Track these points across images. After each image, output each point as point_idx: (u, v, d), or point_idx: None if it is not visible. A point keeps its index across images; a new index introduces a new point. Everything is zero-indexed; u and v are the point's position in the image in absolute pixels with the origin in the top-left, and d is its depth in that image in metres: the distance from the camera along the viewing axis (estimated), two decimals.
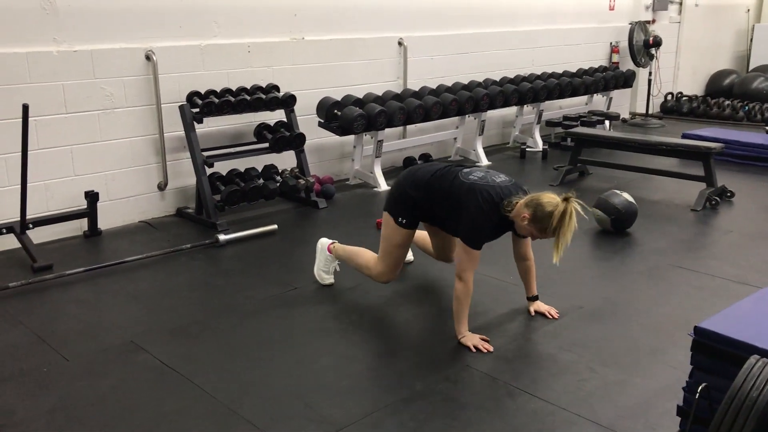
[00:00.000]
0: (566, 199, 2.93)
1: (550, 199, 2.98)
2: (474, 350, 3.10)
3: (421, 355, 3.12)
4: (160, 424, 2.60)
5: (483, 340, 3.16)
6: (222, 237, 4.53)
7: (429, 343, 3.26)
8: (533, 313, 3.47)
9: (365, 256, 3.66)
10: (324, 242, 3.86)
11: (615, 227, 4.73)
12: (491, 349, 3.12)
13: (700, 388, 2.29)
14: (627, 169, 6.12)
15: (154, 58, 4.85)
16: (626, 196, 4.76)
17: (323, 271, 3.85)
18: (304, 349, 3.19)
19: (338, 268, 3.86)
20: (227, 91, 5.11)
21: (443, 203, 3.24)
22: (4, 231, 4.22)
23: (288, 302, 3.66)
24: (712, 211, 5.32)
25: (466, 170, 3.25)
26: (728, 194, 5.58)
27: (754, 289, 3.68)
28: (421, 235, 3.82)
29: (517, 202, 3.06)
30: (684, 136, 6.81)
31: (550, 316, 3.44)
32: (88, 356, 3.11)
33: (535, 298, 3.52)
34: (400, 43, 6.49)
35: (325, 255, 3.82)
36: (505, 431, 2.55)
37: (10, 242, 4.33)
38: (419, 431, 2.55)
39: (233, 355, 3.12)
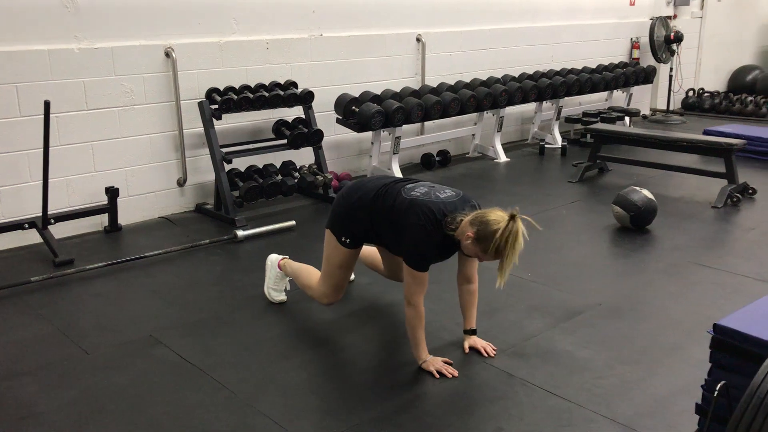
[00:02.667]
0: (512, 217, 2.63)
1: (498, 216, 2.67)
2: (437, 376, 2.86)
3: (437, 350, 3.10)
4: (179, 417, 2.63)
5: (446, 363, 2.93)
6: (240, 233, 4.55)
7: (445, 338, 3.24)
8: (467, 350, 3.08)
9: (310, 276, 3.39)
10: (274, 258, 3.62)
11: (634, 224, 4.69)
12: (456, 373, 2.88)
13: (719, 386, 2.27)
14: (647, 166, 6.08)
15: (174, 55, 4.89)
16: (646, 192, 4.72)
17: (273, 289, 3.61)
18: (322, 344, 3.20)
19: (288, 286, 3.64)
20: (246, 87, 5.14)
21: (386, 222, 2.95)
22: (27, 226, 4.28)
23: (305, 298, 3.66)
24: (733, 208, 5.26)
25: (409, 186, 2.96)
26: (750, 191, 5.52)
27: None
28: (370, 252, 3.58)
29: (462, 219, 2.76)
30: (705, 133, 6.75)
31: (486, 354, 3.05)
32: (108, 350, 3.14)
33: (472, 332, 3.14)
34: (418, 40, 6.48)
35: (276, 272, 3.58)
36: (522, 428, 2.55)
37: (33, 237, 4.38)
38: (436, 427, 2.55)
39: (251, 350, 3.14)
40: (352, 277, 3.82)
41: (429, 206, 2.81)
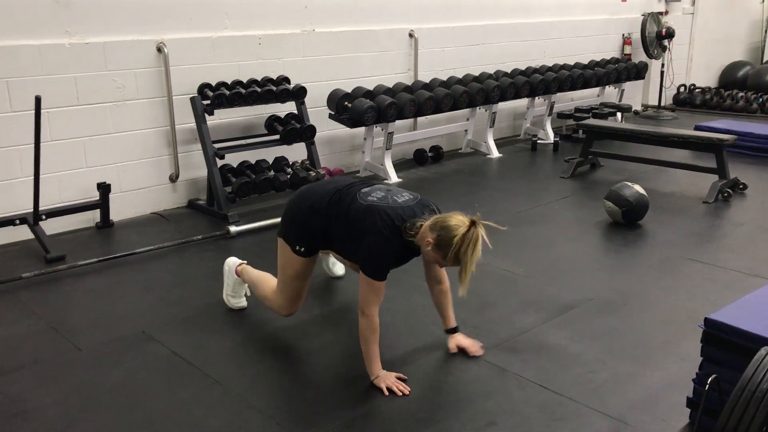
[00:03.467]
0: (473, 223, 2.54)
1: (458, 221, 2.57)
2: (387, 393, 2.72)
3: (431, 345, 3.12)
4: (172, 412, 2.62)
5: (399, 378, 2.80)
6: (233, 228, 4.55)
7: (438, 333, 3.24)
8: (455, 349, 3.02)
9: (267, 286, 3.23)
10: (231, 264, 3.45)
11: (626, 219, 4.71)
12: (407, 391, 2.74)
13: (710, 379, 2.29)
14: (639, 161, 6.09)
15: (166, 50, 4.87)
16: (638, 188, 4.74)
17: (231, 296, 3.46)
18: (315, 339, 3.20)
19: (249, 293, 3.48)
20: (238, 83, 5.13)
21: (341, 229, 2.82)
22: (18, 222, 4.26)
23: None
24: (724, 203, 5.28)
25: (365, 190, 2.83)
26: (741, 186, 5.55)
27: (765, 281, 3.66)
28: None
29: (421, 225, 2.66)
30: (697, 128, 6.77)
31: (475, 352, 3.00)
32: (101, 346, 3.13)
33: (454, 330, 3.07)
34: (410, 35, 6.47)
35: (233, 278, 3.43)
36: (514, 422, 2.56)
37: (24, 233, 4.36)
38: (429, 422, 2.56)
39: (244, 345, 3.14)
40: (342, 272, 3.79)
41: (387, 212, 2.69)
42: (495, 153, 6.87)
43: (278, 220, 4.68)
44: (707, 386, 2.28)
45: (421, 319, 3.38)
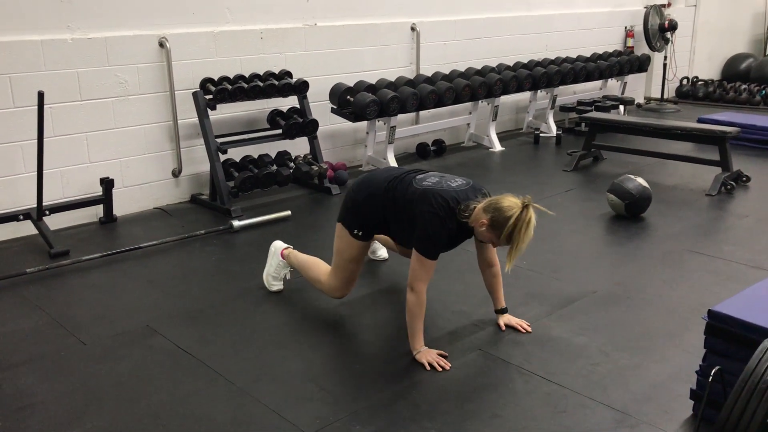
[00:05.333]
0: (525, 206, 2.69)
1: (511, 203, 2.72)
2: (428, 368, 2.85)
3: (434, 338, 3.12)
4: (176, 406, 2.63)
5: (440, 355, 2.93)
6: (236, 223, 4.56)
7: (442, 326, 3.26)
8: (504, 328, 3.19)
9: (318, 269, 3.38)
10: (278, 246, 3.62)
11: (629, 212, 4.71)
12: (448, 366, 2.87)
13: (713, 371, 2.29)
14: (641, 154, 6.09)
15: (168, 45, 4.87)
16: (640, 180, 4.74)
17: (272, 276, 3.61)
18: (319, 333, 3.21)
19: (289, 276, 3.64)
20: (240, 77, 5.12)
21: (398, 213, 2.98)
22: (22, 218, 4.26)
23: (302, 287, 3.68)
24: (727, 195, 5.28)
25: (420, 176, 3.00)
26: (744, 179, 5.54)
27: None
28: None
29: (475, 207, 2.81)
30: (700, 121, 6.76)
31: (523, 330, 3.17)
32: (105, 340, 3.15)
33: (503, 311, 3.25)
34: (413, 29, 6.46)
35: (278, 260, 3.58)
36: (518, 414, 2.57)
37: (28, 229, 4.37)
38: (432, 414, 2.56)
39: (248, 339, 3.15)
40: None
41: (442, 195, 2.84)
42: (497, 146, 6.86)
43: (281, 214, 4.75)
44: (711, 378, 2.28)
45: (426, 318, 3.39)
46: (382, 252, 3.75)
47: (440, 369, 2.86)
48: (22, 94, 4.31)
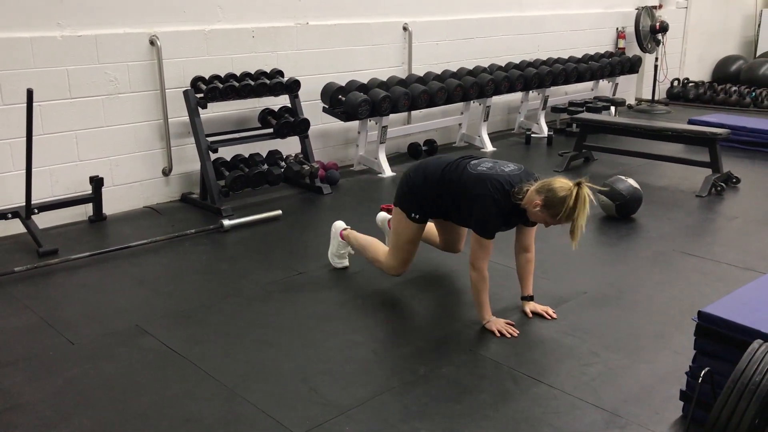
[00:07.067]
0: (578, 184, 2.88)
1: (562, 184, 2.93)
2: (498, 335, 3.10)
3: (425, 340, 3.13)
4: (165, 406, 2.62)
5: (508, 324, 3.16)
6: (226, 222, 4.54)
7: (433, 328, 3.27)
8: (530, 315, 3.32)
9: (377, 249, 3.63)
10: (338, 226, 3.85)
11: (620, 213, 4.72)
12: (516, 333, 3.12)
13: (703, 372, 2.30)
14: (632, 155, 6.10)
15: (159, 43, 4.84)
16: (631, 181, 4.75)
17: (336, 256, 3.86)
18: (309, 333, 3.20)
19: (352, 251, 3.85)
20: (231, 76, 5.10)
21: (454, 196, 3.21)
22: (10, 216, 4.23)
23: (293, 287, 3.67)
24: (717, 197, 5.30)
25: (474, 161, 3.22)
26: (734, 180, 5.56)
27: (758, 274, 3.67)
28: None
29: (527, 189, 3.02)
30: (690, 122, 6.78)
31: (548, 317, 3.31)
32: (94, 340, 3.12)
33: (530, 298, 3.39)
34: (404, 29, 6.46)
35: (338, 240, 3.83)
36: (509, 415, 2.56)
37: (16, 227, 4.34)
38: (423, 415, 2.56)
39: (237, 339, 3.13)
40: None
41: (497, 179, 3.06)
42: (489, 147, 6.87)
43: (271, 213, 4.74)
44: (700, 379, 2.28)
45: (418, 319, 3.39)
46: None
47: (508, 336, 3.10)
48: (11, 91, 4.28)
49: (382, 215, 3.99)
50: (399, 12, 6.41)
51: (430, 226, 3.77)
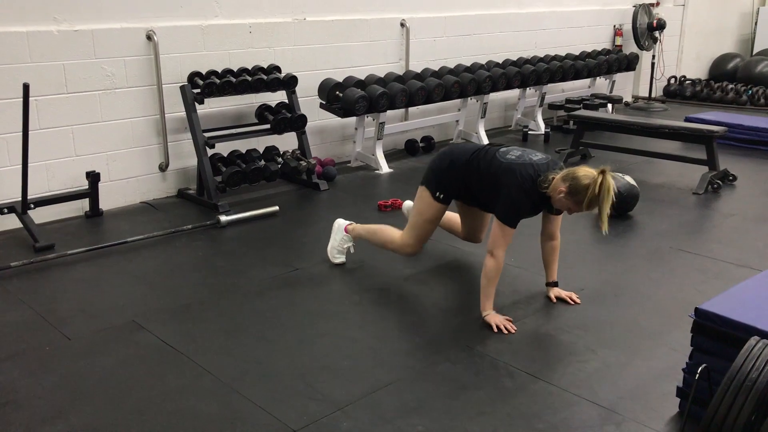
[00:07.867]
0: (602, 172, 2.95)
1: (587, 172, 3.00)
2: (496, 330, 3.12)
3: (422, 335, 3.13)
4: (162, 402, 2.61)
5: (507, 320, 3.18)
6: (223, 218, 4.53)
7: (430, 324, 3.27)
8: (554, 300, 3.44)
9: (389, 231, 3.70)
10: (341, 222, 3.89)
11: (617, 210, 4.69)
12: (514, 330, 3.13)
13: (699, 369, 2.30)
14: (629, 153, 6.10)
15: (155, 38, 4.83)
16: (628, 179, 4.75)
17: (337, 250, 3.87)
18: (306, 329, 3.19)
19: (352, 250, 3.86)
20: (228, 71, 5.09)
21: (481, 183, 3.29)
22: (6, 211, 4.22)
23: (289, 283, 3.67)
24: (714, 194, 5.31)
25: (503, 150, 3.29)
26: (730, 178, 5.57)
27: (755, 272, 3.68)
28: (448, 215, 3.83)
29: (553, 178, 3.09)
30: (687, 120, 6.79)
31: (572, 302, 3.41)
32: (90, 335, 3.12)
33: (554, 284, 3.49)
34: (402, 25, 6.45)
35: (342, 235, 3.85)
36: (505, 411, 2.57)
37: (12, 222, 4.33)
38: (420, 411, 2.56)
39: (234, 335, 3.13)
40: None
41: (526, 168, 3.13)
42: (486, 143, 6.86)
43: (268, 209, 4.73)
44: (697, 376, 2.29)
45: (415, 315, 3.39)
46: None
47: (506, 332, 3.11)
48: (7, 86, 4.26)
49: (409, 203, 4.07)
50: (396, 8, 6.40)
51: (454, 216, 3.86)
